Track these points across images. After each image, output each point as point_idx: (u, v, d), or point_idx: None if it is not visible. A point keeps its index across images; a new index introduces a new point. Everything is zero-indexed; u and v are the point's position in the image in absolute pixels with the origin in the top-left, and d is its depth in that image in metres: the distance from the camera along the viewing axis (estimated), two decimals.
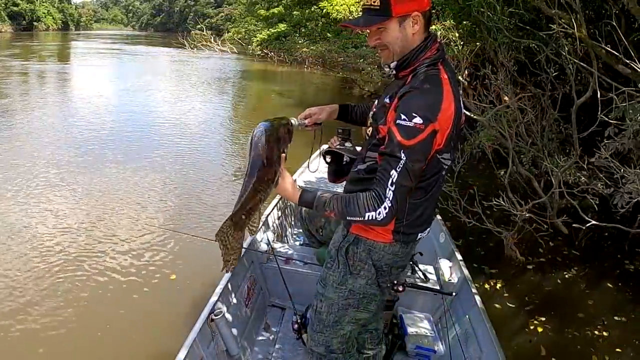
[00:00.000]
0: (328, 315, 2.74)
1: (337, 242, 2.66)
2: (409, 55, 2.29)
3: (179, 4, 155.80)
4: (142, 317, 5.14)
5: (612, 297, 6.06)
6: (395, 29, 2.25)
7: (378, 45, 2.34)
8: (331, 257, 2.69)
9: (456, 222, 6.54)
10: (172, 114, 16.14)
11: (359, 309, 2.71)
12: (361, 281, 2.61)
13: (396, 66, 2.35)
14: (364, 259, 2.56)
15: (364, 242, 2.53)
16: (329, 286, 2.69)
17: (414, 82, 2.23)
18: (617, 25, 5.34)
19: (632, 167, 5.87)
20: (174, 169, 9.87)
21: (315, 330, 2.83)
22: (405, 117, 2.10)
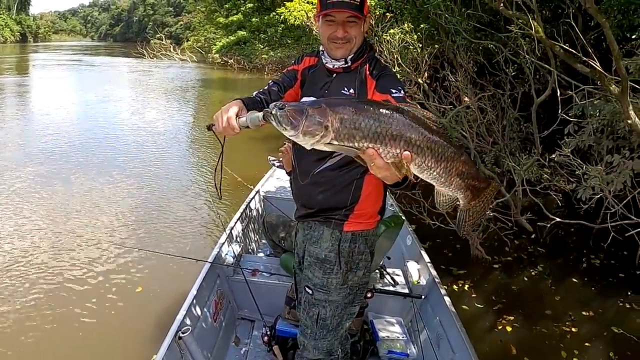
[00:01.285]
0: (332, 319, 2.77)
1: (331, 246, 2.69)
2: (361, 49, 2.60)
3: (138, 14, 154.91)
4: (108, 335, 5.03)
5: (579, 293, 6.11)
6: (361, 25, 2.54)
7: (345, 38, 2.53)
8: (329, 263, 2.70)
9: (421, 224, 6.56)
10: (134, 124, 16.00)
11: (354, 303, 2.80)
12: (359, 273, 2.72)
13: (352, 59, 2.59)
14: (362, 250, 2.69)
15: (360, 235, 2.66)
16: (333, 290, 2.72)
17: (378, 68, 2.60)
18: (574, 24, 5.40)
19: (593, 163, 5.96)
20: (137, 182, 9.76)
21: (318, 337, 2.83)
22: (396, 90, 2.38)
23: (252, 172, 7.59)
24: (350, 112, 1.80)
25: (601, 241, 6.90)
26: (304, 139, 1.85)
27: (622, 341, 5.10)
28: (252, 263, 4.62)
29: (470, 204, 2.04)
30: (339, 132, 1.80)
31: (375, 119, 1.79)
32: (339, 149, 1.86)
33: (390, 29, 8.59)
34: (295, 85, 2.78)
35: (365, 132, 1.79)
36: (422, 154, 1.82)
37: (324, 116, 1.80)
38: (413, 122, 1.81)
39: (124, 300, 5.57)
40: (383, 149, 1.80)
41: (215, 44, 45.29)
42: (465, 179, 1.94)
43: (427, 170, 1.86)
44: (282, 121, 1.86)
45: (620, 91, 4.73)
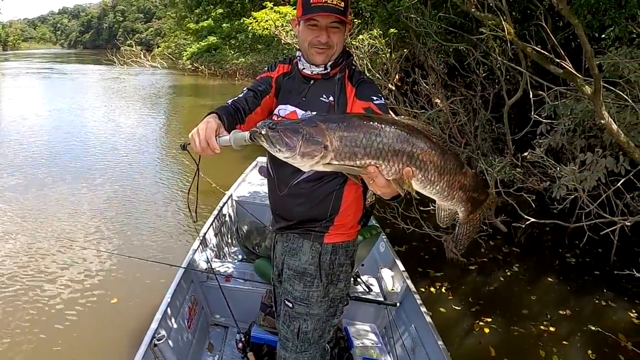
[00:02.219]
0: (314, 332, 2.73)
1: (311, 259, 2.64)
2: (341, 56, 2.52)
3: (108, 20, 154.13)
4: (83, 342, 4.96)
5: (555, 292, 6.16)
6: (344, 32, 2.47)
7: (327, 44, 2.44)
8: (309, 275, 2.65)
9: (395, 228, 6.55)
10: (106, 132, 15.85)
11: (336, 315, 2.77)
12: (340, 285, 2.68)
13: (331, 65, 2.50)
14: (343, 262, 2.64)
15: (341, 246, 2.61)
16: (314, 303, 2.67)
17: (357, 75, 2.54)
18: (545, 24, 5.43)
19: (566, 162, 5.99)
20: (110, 189, 9.64)
21: (300, 351, 2.77)
22: (377, 98, 2.35)
23: (224, 176, 7.54)
24: (350, 129, 1.71)
25: (576, 239, 6.95)
26: (301, 160, 1.75)
27: (600, 339, 5.12)
28: (225, 269, 4.59)
29: (469, 217, 2.01)
30: (339, 151, 1.71)
31: (376, 134, 1.71)
32: (339, 168, 1.77)
33: (359, 35, 8.60)
34: (271, 92, 2.65)
35: (367, 149, 1.70)
36: (424, 169, 1.76)
37: (322, 135, 1.70)
38: (414, 135, 1.74)
39: (98, 307, 5.52)
40: (385, 166, 1.73)
41: (186, 50, 45.18)
42: (467, 191, 1.91)
43: (430, 184, 1.81)
44: (275, 142, 1.75)
45: (593, 91, 4.75)
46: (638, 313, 5.63)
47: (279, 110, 2.60)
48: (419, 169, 1.74)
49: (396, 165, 1.72)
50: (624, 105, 5.62)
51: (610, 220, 5.40)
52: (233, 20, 37.26)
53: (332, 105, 2.47)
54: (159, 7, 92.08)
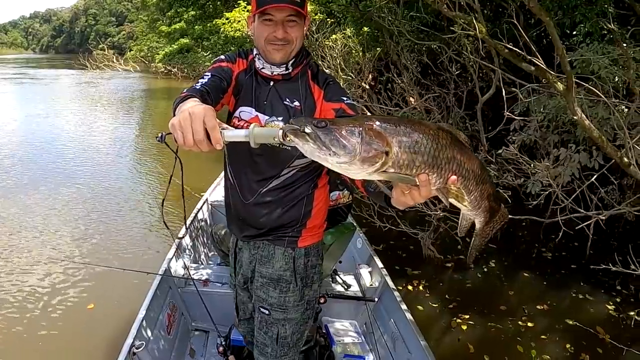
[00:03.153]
0: (293, 336, 2.71)
1: (285, 265, 2.60)
2: (300, 54, 2.37)
3: (80, 24, 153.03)
4: (61, 354, 4.89)
5: (532, 286, 6.20)
6: (302, 26, 2.29)
7: (285, 40, 2.27)
8: (284, 281, 2.61)
9: (372, 227, 6.52)
10: (79, 138, 15.67)
11: (312, 317, 2.77)
12: (314, 286, 2.67)
13: (293, 64, 2.36)
14: (315, 263, 2.63)
15: (312, 247, 2.59)
16: (291, 308, 2.64)
17: (322, 75, 2.42)
18: (517, 22, 5.47)
19: (539, 157, 6.03)
20: (85, 195, 9.53)
21: (279, 355, 2.74)
22: (347, 98, 2.29)
23: (199, 179, 7.51)
24: (408, 133, 1.49)
25: (551, 234, 6.99)
26: (360, 167, 1.47)
27: (578, 332, 5.15)
28: (203, 273, 4.56)
29: (484, 228, 1.89)
30: (398, 158, 1.47)
31: (432, 139, 1.50)
32: (393, 177, 1.53)
33: (332, 35, 8.59)
34: (230, 89, 2.43)
35: (425, 156, 1.49)
36: (467, 177, 1.60)
37: (382, 138, 1.46)
38: (458, 142, 1.57)
39: (75, 317, 5.43)
40: (437, 174, 1.52)
41: (158, 53, 44.94)
42: (491, 201, 1.77)
43: (467, 194, 1.65)
44: (328, 144, 1.45)
45: (566, 88, 4.79)
46: (615, 305, 5.69)
47: (240, 112, 2.44)
48: (462, 177, 1.58)
49: (446, 173, 1.54)
50: (595, 101, 5.67)
51: (585, 214, 5.44)
52: (205, 22, 37.05)
53: (297, 110, 2.34)
54: (131, 10, 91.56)
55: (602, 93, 5.13)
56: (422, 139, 1.48)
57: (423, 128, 1.51)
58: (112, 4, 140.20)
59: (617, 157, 5.04)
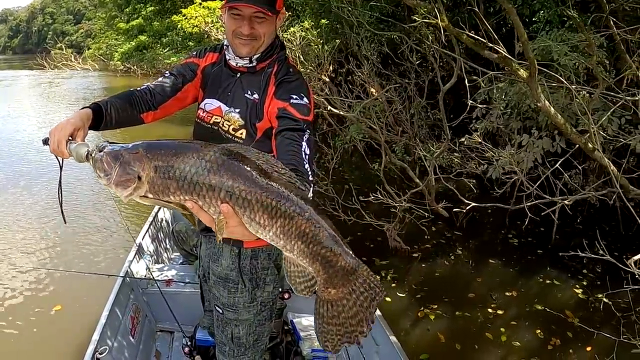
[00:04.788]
0: (248, 337, 2.67)
1: (231, 264, 2.55)
2: (270, 48, 2.35)
3: (37, 24, 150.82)
4: (28, 356, 4.84)
5: (500, 273, 6.21)
6: (273, 22, 2.29)
7: (251, 36, 2.25)
8: (232, 282, 2.57)
9: (336, 221, 6.45)
10: (37, 139, 15.50)
11: (271, 319, 2.73)
12: (268, 288, 2.60)
13: (258, 58, 2.34)
14: (266, 266, 2.55)
15: (262, 250, 2.51)
16: (241, 309, 2.60)
17: (283, 72, 2.33)
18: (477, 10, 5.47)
19: (503, 144, 6.06)
20: (44, 199, 9.36)
21: (237, 355, 2.71)
22: (297, 97, 2.16)
23: None
24: (167, 157, 1.46)
25: (517, 220, 7.02)
26: (117, 190, 1.51)
27: (547, 317, 5.19)
28: (165, 273, 4.53)
29: (328, 292, 1.53)
30: (153, 183, 1.46)
31: (192, 164, 1.43)
32: (157, 203, 1.52)
33: (291, 27, 8.53)
34: (195, 80, 2.53)
35: (180, 182, 1.43)
36: (250, 208, 1.42)
37: (139, 163, 1.46)
38: (241, 167, 1.43)
39: (38, 324, 5.33)
40: (202, 203, 1.44)
41: (117, 51, 44.53)
42: (310, 244, 1.45)
43: (262, 229, 1.44)
44: (97, 167, 1.57)
45: (529, 75, 4.79)
46: (583, 289, 5.73)
47: (205, 104, 2.48)
48: (242, 208, 1.42)
49: (215, 202, 1.43)
50: (556, 87, 5.70)
51: (551, 200, 5.47)
52: (164, 18, 36.79)
53: (255, 103, 2.32)
54: (88, 8, 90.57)
55: (562, 79, 5.15)
56: (180, 164, 1.43)
57: (190, 153, 1.45)
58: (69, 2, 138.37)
59: (582, 142, 5.07)
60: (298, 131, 2.05)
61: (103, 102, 2.21)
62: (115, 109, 2.24)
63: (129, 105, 2.31)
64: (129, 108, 2.31)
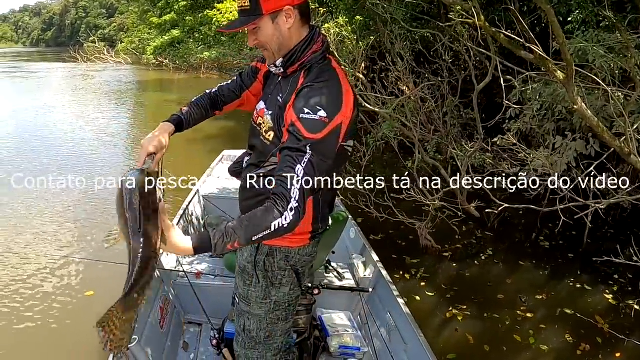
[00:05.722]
0: (259, 332, 2.67)
1: (249, 257, 2.56)
2: (295, 50, 2.25)
3: (70, 17, 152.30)
4: (56, 349, 4.85)
5: (530, 276, 6.16)
6: (268, 26, 2.20)
7: (258, 46, 2.28)
8: (247, 274, 2.59)
9: (368, 217, 6.47)
10: (74, 130, 15.62)
11: (287, 320, 2.69)
12: (284, 289, 2.57)
13: (283, 63, 2.29)
14: (283, 267, 2.51)
15: (279, 250, 2.47)
16: (253, 303, 2.60)
17: (311, 77, 2.20)
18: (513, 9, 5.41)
19: (535, 146, 6.00)
20: (79, 188, 9.42)
21: (248, 347, 2.74)
22: (309, 111, 2.04)
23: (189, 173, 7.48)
24: None
25: (549, 223, 6.96)
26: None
27: (577, 322, 5.14)
28: (195, 266, 4.54)
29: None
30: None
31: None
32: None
33: (325, 24, 8.51)
34: (256, 84, 2.68)
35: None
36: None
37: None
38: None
39: (71, 313, 5.37)
40: None
41: (150, 45, 44.75)
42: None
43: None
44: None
45: (566, 77, 4.73)
46: (613, 295, 5.66)
47: (257, 105, 2.52)
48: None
49: None
50: (591, 89, 5.63)
51: (584, 203, 5.40)
52: (197, 13, 36.92)
53: (281, 108, 2.27)
54: (121, 2, 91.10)
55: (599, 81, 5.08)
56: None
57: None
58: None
59: (617, 145, 4.99)
60: (297, 152, 2.03)
61: (185, 114, 2.60)
62: (193, 117, 2.62)
63: (204, 111, 2.66)
64: (204, 113, 2.67)
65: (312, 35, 2.26)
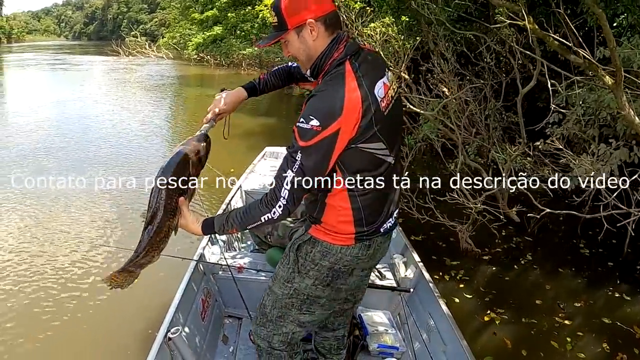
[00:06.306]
0: (272, 310, 2.76)
1: (297, 239, 2.63)
2: (317, 61, 2.35)
3: (112, 11, 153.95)
4: (96, 338, 4.94)
5: (569, 282, 6.11)
6: (295, 40, 2.33)
7: (292, 57, 2.44)
8: (286, 254, 2.68)
9: (409, 219, 6.43)
10: (115, 122, 15.84)
11: (302, 311, 2.72)
12: (308, 281, 2.61)
13: (311, 73, 2.41)
14: (316, 261, 2.54)
15: (319, 243, 2.51)
16: (277, 280, 2.71)
17: (319, 85, 2.30)
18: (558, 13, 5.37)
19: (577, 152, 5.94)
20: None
21: (259, 323, 2.84)
22: (303, 120, 2.16)
23: (232, 168, 7.50)
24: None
25: (589, 230, 6.89)
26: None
27: (614, 331, 5.09)
28: (237, 260, 4.57)
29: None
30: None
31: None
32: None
33: (371, 23, 8.49)
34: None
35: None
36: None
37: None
38: None
39: (111, 302, 5.47)
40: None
41: (191, 40, 44.98)
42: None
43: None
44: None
45: (615, 82, 4.69)
46: None
47: None
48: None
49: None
50: (637, 96, 5.57)
51: (627, 211, 5.35)
52: (239, 10, 37.03)
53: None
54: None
55: None
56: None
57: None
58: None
59: None
60: (290, 157, 2.22)
61: (259, 82, 2.97)
62: (268, 85, 2.98)
63: (280, 81, 2.99)
64: (280, 82, 2.99)
65: (333, 43, 2.32)
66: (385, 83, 2.33)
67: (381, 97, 2.27)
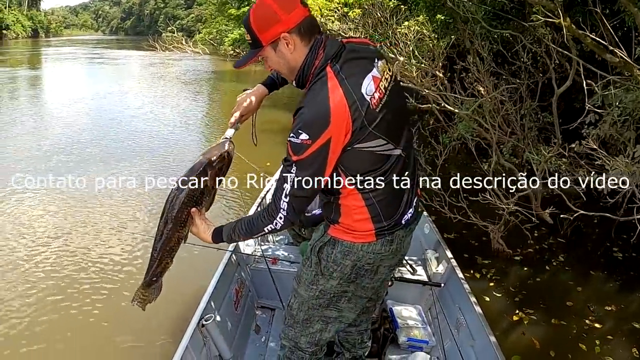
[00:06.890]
0: (299, 312, 2.77)
1: (314, 240, 2.62)
2: (300, 72, 2.31)
3: (149, 7, 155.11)
4: (132, 322, 5.05)
5: (600, 286, 6.07)
6: (272, 55, 2.31)
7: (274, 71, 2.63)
8: (306, 256, 2.67)
9: (442, 217, 6.39)
10: (151, 116, 16.10)
11: (329, 308, 2.72)
12: (333, 282, 2.60)
13: (296, 84, 2.38)
14: (338, 261, 2.52)
15: (340, 243, 2.49)
16: (302, 284, 2.70)
17: (304, 98, 2.24)
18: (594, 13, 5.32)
19: (613, 153, 5.87)
20: (156, 173, 9.81)
21: (287, 324, 2.87)
22: (293, 135, 2.15)
23: (268, 162, 7.55)
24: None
25: (622, 233, 6.82)
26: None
27: None
28: (272, 251, 4.63)
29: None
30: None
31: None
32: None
33: (405, 21, 8.47)
34: None
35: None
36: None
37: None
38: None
39: None
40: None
41: (227, 36, 45.15)
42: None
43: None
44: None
45: None
46: None
47: None
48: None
49: None
50: None
51: None
52: None
53: None
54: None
55: None
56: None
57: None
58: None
59: None
60: (285, 170, 2.24)
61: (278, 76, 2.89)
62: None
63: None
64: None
65: (313, 51, 2.27)
66: (375, 76, 2.25)
67: (371, 94, 2.20)
